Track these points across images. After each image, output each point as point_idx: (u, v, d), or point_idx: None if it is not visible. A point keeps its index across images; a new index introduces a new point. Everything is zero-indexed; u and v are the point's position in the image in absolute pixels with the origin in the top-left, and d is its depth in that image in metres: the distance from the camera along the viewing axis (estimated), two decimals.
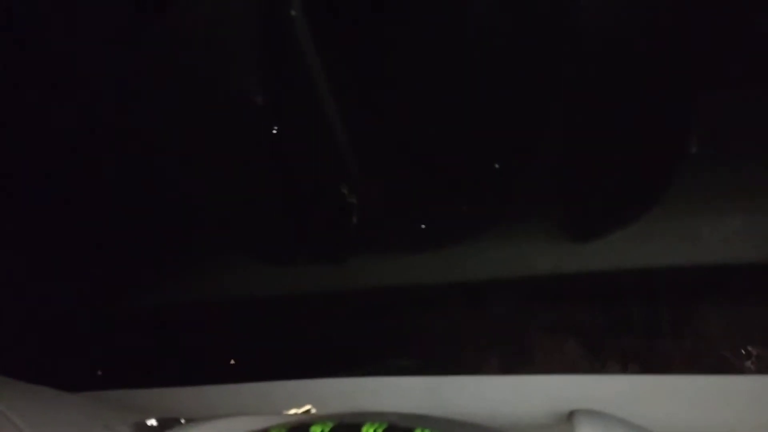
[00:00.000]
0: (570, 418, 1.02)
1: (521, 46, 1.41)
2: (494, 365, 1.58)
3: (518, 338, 1.61)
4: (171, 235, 1.74)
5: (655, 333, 1.51)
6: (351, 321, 1.69)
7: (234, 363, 1.66)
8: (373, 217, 1.60)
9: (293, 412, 1.25)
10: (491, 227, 1.57)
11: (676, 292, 1.49)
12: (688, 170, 1.40)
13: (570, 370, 1.51)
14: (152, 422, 1.11)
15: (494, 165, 1.50)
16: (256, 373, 1.38)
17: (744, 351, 1.38)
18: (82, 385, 1.31)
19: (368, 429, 0.84)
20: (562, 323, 1.58)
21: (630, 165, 1.46)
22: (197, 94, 1.56)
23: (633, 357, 1.49)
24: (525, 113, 1.48)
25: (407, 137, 1.55)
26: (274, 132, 1.56)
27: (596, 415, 0.97)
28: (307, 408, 1.26)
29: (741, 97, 1.38)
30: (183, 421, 1.13)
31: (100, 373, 1.67)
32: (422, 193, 1.59)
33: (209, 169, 1.67)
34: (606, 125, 1.46)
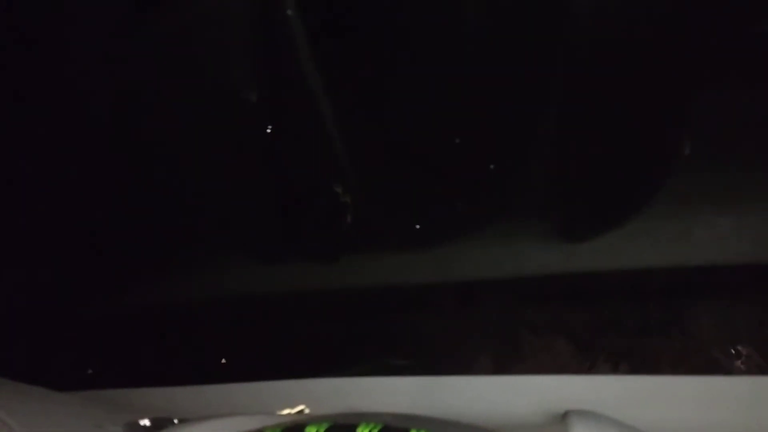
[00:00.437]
0: (563, 419, 1.02)
1: (516, 46, 1.41)
2: (486, 365, 1.58)
3: (510, 338, 1.61)
4: (162, 234, 1.73)
5: (646, 333, 1.52)
6: (344, 320, 1.69)
7: (226, 362, 1.66)
8: (367, 217, 1.60)
9: (287, 412, 1.25)
10: (485, 228, 1.57)
11: (667, 293, 1.50)
12: (680, 171, 1.41)
13: (561, 370, 1.51)
14: (145, 422, 1.10)
15: (489, 166, 1.50)
16: (250, 373, 1.37)
17: (734, 351, 1.39)
18: (74, 385, 1.30)
19: (363, 429, 0.84)
20: (554, 323, 1.59)
21: (622, 166, 1.47)
22: (191, 92, 1.55)
23: (624, 357, 1.50)
24: (518, 114, 1.48)
25: (402, 137, 1.55)
26: (268, 131, 1.56)
27: (590, 416, 0.97)
28: (301, 408, 1.25)
29: (734, 99, 1.39)
30: (176, 421, 1.13)
31: (92, 373, 1.66)
32: (416, 193, 1.59)
33: (201, 168, 1.66)
34: (599, 127, 1.47)
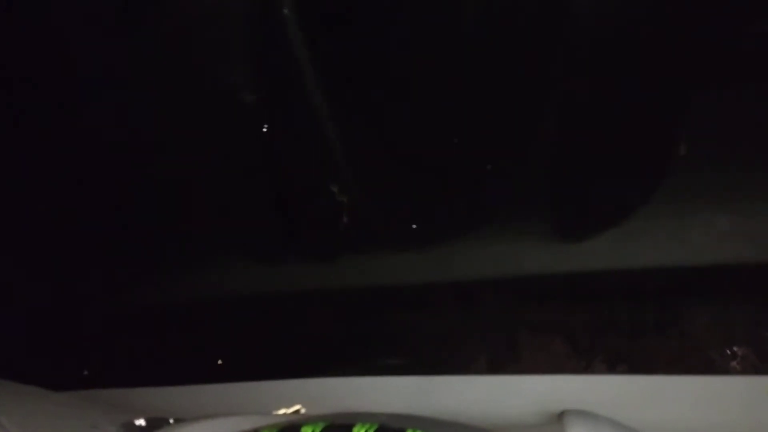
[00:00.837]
0: (560, 419, 1.02)
1: (511, 46, 1.41)
2: (483, 365, 1.58)
3: (507, 338, 1.61)
4: (157, 233, 1.73)
5: (642, 333, 1.52)
6: (341, 320, 1.69)
7: (222, 362, 1.65)
8: (364, 217, 1.59)
9: (283, 412, 1.25)
10: (482, 227, 1.57)
11: (664, 293, 1.50)
12: (677, 171, 1.41)
13: (558, 370, 1.51)
14: (140, 422, 1.10)
15: (485, 166, 1.50)
16: (246, 373, 1.37)
17: (730, 351, 1.39)
18: (70, 385, 1.30)
19: (359, 429, 0.84)
20: (551, 323, 1.59)
21: (619, 166, 1.47)
22: (187, 92, 1.55)
23: (620, 357, 1.50)
24: (515, 114, 1.48)
25: (398, 137, 1.55)
26: (264, 130, 1.56)
27: (587, 416, 0.97)
28: (297, 408, 1.25)
29: (731, 99, 1.39)
30: (172, 421, 1.13)
31: (88, 373, 1.66)
32: (413, 193, 1.59)
33: (197, 168, 1.66)
34: (596, 126, 1.47)
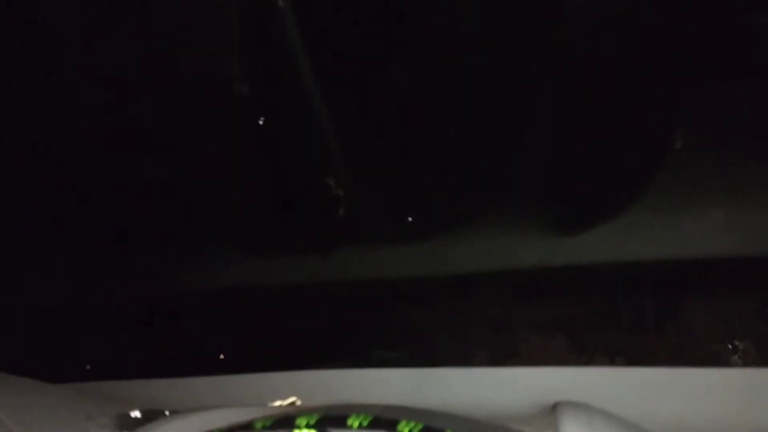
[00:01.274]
0: (553, 410, 1.02)
1: (508, 41, 1.41)
2: (480, 358, 1.59)
3: (504, 331, 1.62)
4: (155, 227, 1.73)
5: (642, 327, 1.53)
6: (337, 313, 1.69)
7: (220, 356, 1.66)
8: (360, 210, 1.59)
9: (278, 404, 1.25)
10: (478, 221, 1.57)
11: (663, 287, 1.50)
12: (675, 164, 1.41)
13: (556, 363, 1.51)
14: (136, 414, 1.10)
15: (481, 159, 1.50)
16: (241, 365, 1.37)
17: (731, 345, 1.39)
18: (65, 377, 1.30)
19: (354, 421, 0.84)
20: (548, 317, 1.59)
21: (616, 159, 1.47)
22: (182, 85, 1.55)
23: (619, 351, 1.50)
24: (511, 108, 1.48)
25: (395, 130, 1.55)
26: (261, 123, 1.55)
27: (580, 407, 0.97)
28: (293, 400, 1.25)
29: (725, 93, 1.39)
30: (167, 413, 1.13)
31: (84, 365, 1.66)
32: (409, 186, 1.59)
33: (194, 161, 1.65)
34: (591, 120, 1.47)
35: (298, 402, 1.25)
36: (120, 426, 1.07)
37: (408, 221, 1.59)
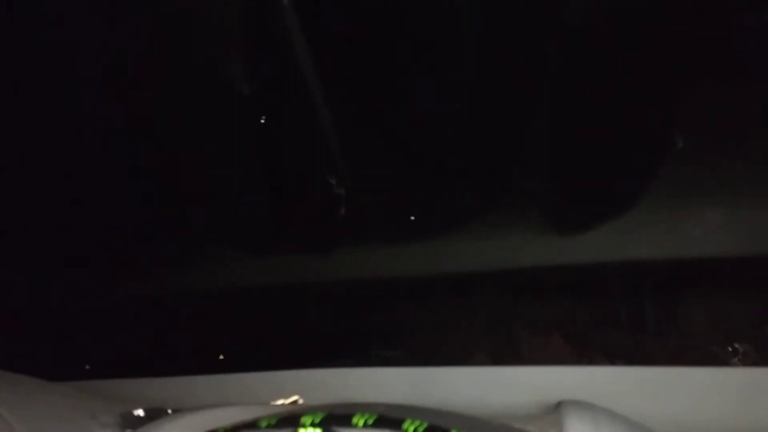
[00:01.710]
0: (557, 409, 1.03)
1: (509, 39, 1.41)
2: (481, 357, 1.59)
3: (504, 331, 1.62)
4: (156, 226, 1.73)
5: (642, 329, 1.53)
6: (339, 312, 1.69)
7: (221, 353, 1.65)
8: (361, 209, 1.59)
9: (281, 403, 1.25)
10: (479, 220, 1.57)
11: (663, 287, 1.50)
12: (676, 164, 1.41)
13: (555, 363, 1.52)
14: (139, 412, 1.10)
15: (482, 158, 1.50)
16: (244, 364, 1.37)
17: (731, 348, 1.39)
18: (68, 376, 1.30)
19: (359, 419, 0.84)
20: (548, 316, 1.59)
21: (616, 158, 1.47)
22: (184, 83, 1.55)
23: (619, 352, 1.50)
24: (513, 107, 1.48)
25: (396, 129, 1.55)
26: (262, 122, 1.55)
27: (584, 405, 0.97)
28: (295, 398, 1.26)
29: (726, 92, 1.40)
30: (170, 411, 1.13)
31: (86, 364, 1.66)
32: (411, 185, 1.59)
33: (195, 160, 1.65)
34: (592, 119, 1.47)
35: (301, 401, 1.25)
36: (123, 424, 1.07)
37: (410, 220, 1.59)
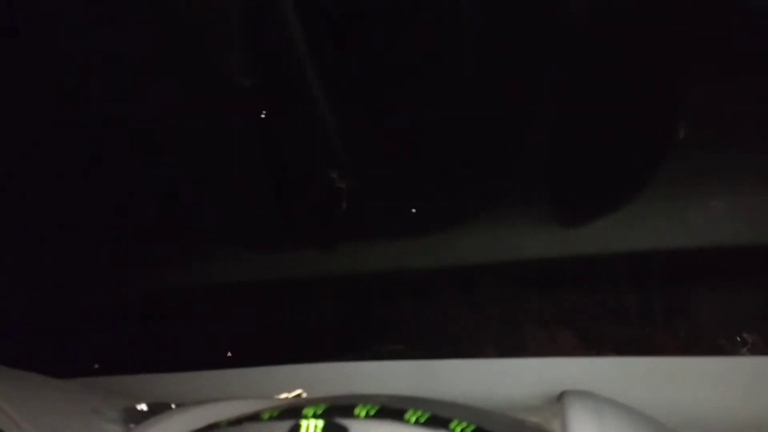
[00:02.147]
0: (560, 399, 1.02)
1: (510, 31, 1.41)
2: (485, 350, 1.58)
3: (509, 323, 1.61)
4: (158, 222, 1.73)
5: (649, 320, 1.52)
6: (341, 306, 1.69)
7: (224, 348, 1.65)
8: (364, 203, 1.59)
9: (284, 397, 1.25)
10: (482, 213, 1.57)
11: (670, 278, 1.50)
12: (680, 154, 1.40)
13: (560, 354, 1.51)
14: (142, 407, 1.10)
15: (486, 150, 1.50)
16: (247, 359, 1.38)
17: (739, 338, 1.38)
18: (72, 373, 1.30)
19: (360, 411, 0.84)
20: (554, 308, 1.59)
21: (620, 149, 1.46)
22: (184, 78, 1.55)
23: (626, 344, 1.49)
24: (516, 98, 1.48)
25: (397, 122, 1.54)
26: (263, 116, 1.55)
27: (586, 395, 0.97)
28: (298, 392, 1.26)
29: (729, 82, 1.39)
30: (173, 406, 1.13)
31: (91, 361, 1.66)
32: (413, 179, 1.58)
33: (197, 155, 1.65)
34: (595, 110, 1.46)
35: (304, 394, 1.25)
36: (126, 419, 1.07)
37: (412, 213, 1.59)
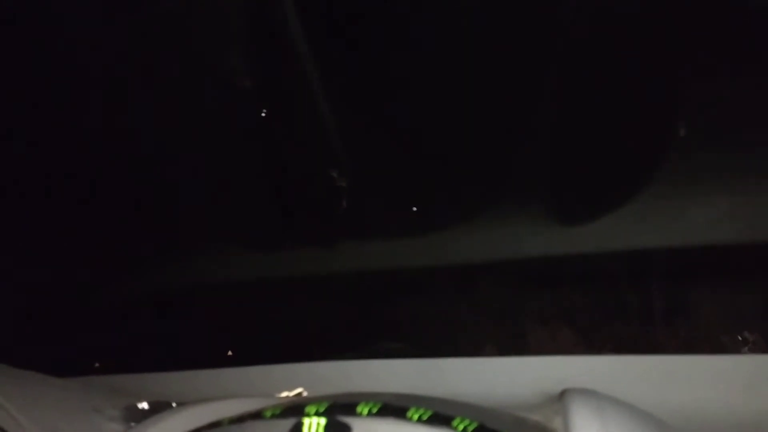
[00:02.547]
0: (561, 397, 1.02)
1: (510, 31, 1.41)
2: (486, 348, 1.58)
3: (510, 322, 1.61)
4: (158, 221, 1.73)
5: (650, 319, 1.52)
6: (342, 305, 1.69)
7: (225, 347, 1.65)
8: (364, 201, 1.59)
9: (285, 395, 1.25)
10: (483, 211, 1.57)
11: (671, 277, 1.50)
12: (680, 152, 1.40)
13: (562, 353, 1.51)
14: (143, 405, 1.10)
15: (486, 148, 1.50)
16: (248, 357, 1.37)
17: (740, 337, 1.39)
18: (74, 372, 1.30)
19: (363, 409, 0.84)
20: (554, 306, 1.59)
21: (621, 147, 1.46)
22: (185, 78, 1.55)
23: (627, 343, 1.49)
24: (516, 97, 1.48)
25: (398, 120, 1.54)
26: (264, 115, 1.55)
27: (588, 393, 0.97)
28: (299, 391, 1.26)
29: (729, 81, 1.39)
30: (174, 405, 1.13)
31: (93, 361, 1.66)
32: (413, 177, 1.58)
33: (198, 154, 1.65)
34: (595, 109, 1.46)
35: (305, 393, 1.25)
36: (127, 417, 1.07)
37: (412, 212, 1.59)
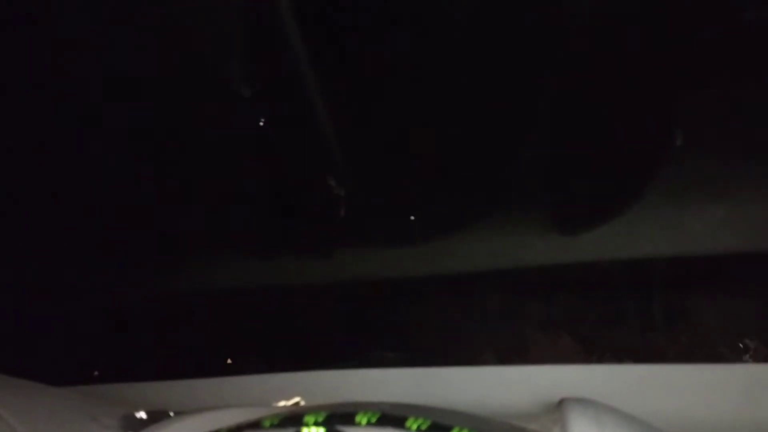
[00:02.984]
0: (559, 406, 1.02)
1: (509, 40, 1.41)
2: (484, 358, 1.58)
3: (508, 331, 1.61)
4: (158, 229, 1.73)
5: (650, 327, 1.52)
6: (340, 314, 1.69)
7: (226, 360, 1.65)
8: (362, 210, 1.59)
9: (282, 404, 1.25)
10: (481, 219, 1.57)
11: (670, 285, 1.50)
12: (678, 161, 1.41)
13: (561, 362, 1.51)
14: (141, 415, 1.10)
15: (484, 157, 1.50)
16: (245, 366, 1.37)
17: (742, 345, 1.39)
18: (71, 381, 1.29)
19: (362, 418, 0.84)
20: (553, 316, 1.59)
21: (619, 156, 1.47)
22: (183, 85, 1.55)
23: (627, 351, 1.49)
24: (514, 106, 1.48)
25: (395, 129, 1.54)
26: (261, 124, 1.55)
27: (586, 402, 0.97)
28: (297, 400, 1.25)
29: (727, 88, 1.40)
30: (172, 414, 1.12)
31: (89, 368, 1.65)
32: (411, 186, 1.58)
33: (195, 162, 1.65)
34: (593, 118, 1.47)
35: (302, 402, 1.25)
36: (125, 427, 1.07)
37: (410, 220, 1.59)
